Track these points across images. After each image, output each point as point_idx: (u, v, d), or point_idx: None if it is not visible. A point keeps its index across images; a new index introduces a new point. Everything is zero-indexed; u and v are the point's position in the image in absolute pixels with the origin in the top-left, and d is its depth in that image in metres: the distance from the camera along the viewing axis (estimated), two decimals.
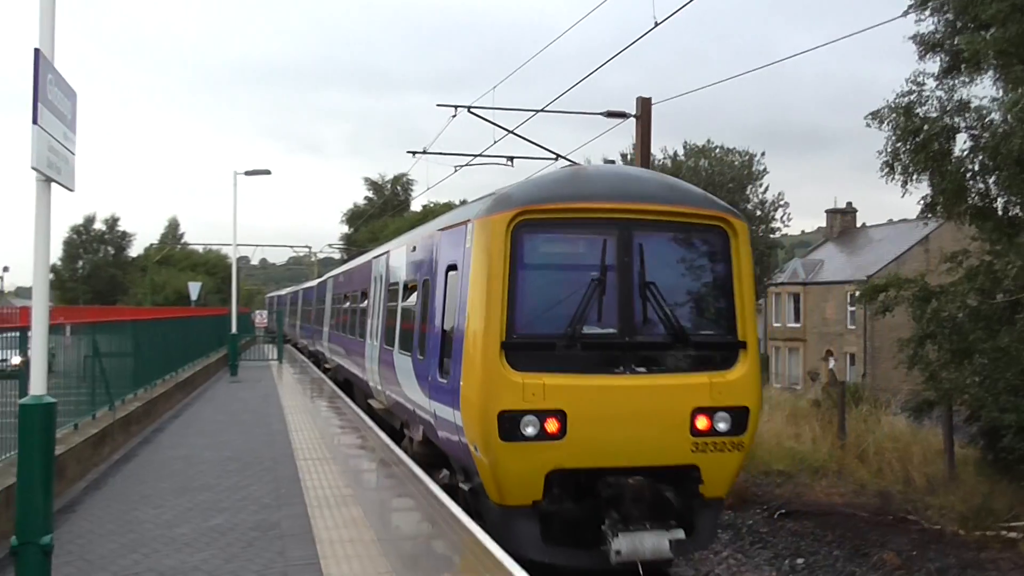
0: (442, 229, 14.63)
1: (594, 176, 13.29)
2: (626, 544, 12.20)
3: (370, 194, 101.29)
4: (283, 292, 78.06)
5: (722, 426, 12.84)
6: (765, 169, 46.31)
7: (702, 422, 12.80)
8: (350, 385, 26.73)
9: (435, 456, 14.97)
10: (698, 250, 13.40)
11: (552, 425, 12.38)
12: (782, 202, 46.38)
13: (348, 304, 27.07)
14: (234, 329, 37.55)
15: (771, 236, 46.79)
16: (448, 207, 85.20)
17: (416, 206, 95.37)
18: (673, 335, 12.92)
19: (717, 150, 46.46)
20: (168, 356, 26.21)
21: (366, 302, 22.17)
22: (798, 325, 63.08)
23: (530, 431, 12.34)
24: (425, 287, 15.19)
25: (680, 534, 12.38)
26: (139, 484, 14.41)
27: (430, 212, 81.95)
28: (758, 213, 45.90)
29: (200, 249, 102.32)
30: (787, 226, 48.41)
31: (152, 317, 25.72)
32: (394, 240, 20.80)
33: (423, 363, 14.63)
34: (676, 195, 13.27)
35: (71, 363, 16.35)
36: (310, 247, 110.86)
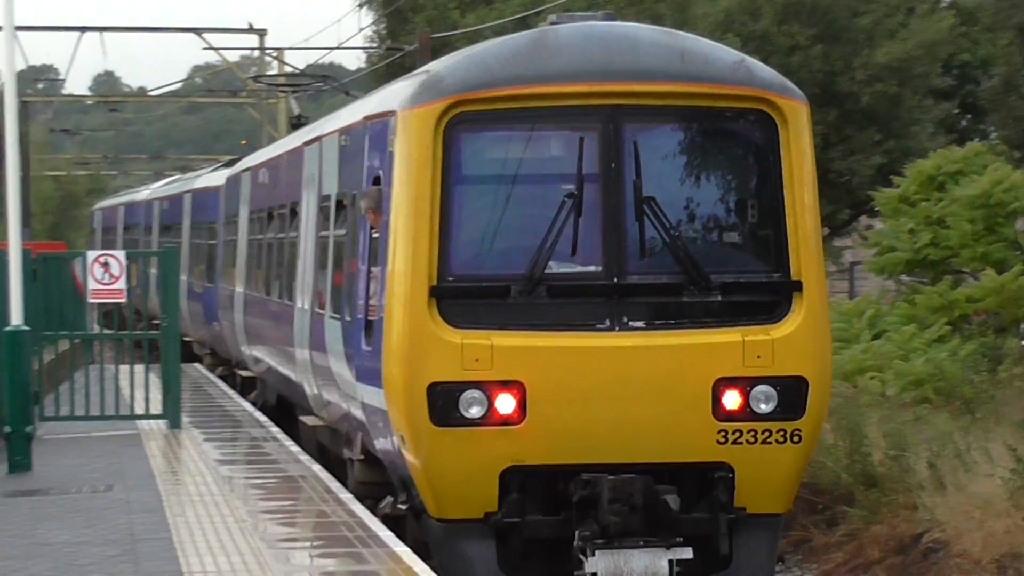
0: (368, 118, 13.02)
1: (565, 42, 11.70)
2: (605, 565, 10.95)
3: None
4: (141, 195, 43.87)
5: (764, 407, 11.34)
6: None
7: (733, 400, 11.32)
8: (294, 423, 17.88)
9: (382, 485, 13.19)
10: (725, 148, 11.87)
11: (506, 404, 11.23)
12: None
13: (272, 233, 19.27)
14: (15, 316, 15.38)
15: None
16: None
17: None
18: (686, 274, 11.43)
19: None
20: None
21: (296, 230, 17.27)
22: None
23: (474, 412, 11.22)
24: (354, 208, 13.52)
25: (687, 553, 11.07)
26: None
27: None
28: None
29: None
30: None
31: None
32: (344, 109, 16.53)
33: (351, 327, 13.12)
34: (691, 66, 11.62)
35: None
36: (262, 34, 44.58)
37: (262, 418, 18.42)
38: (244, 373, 22.52)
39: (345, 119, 14.56)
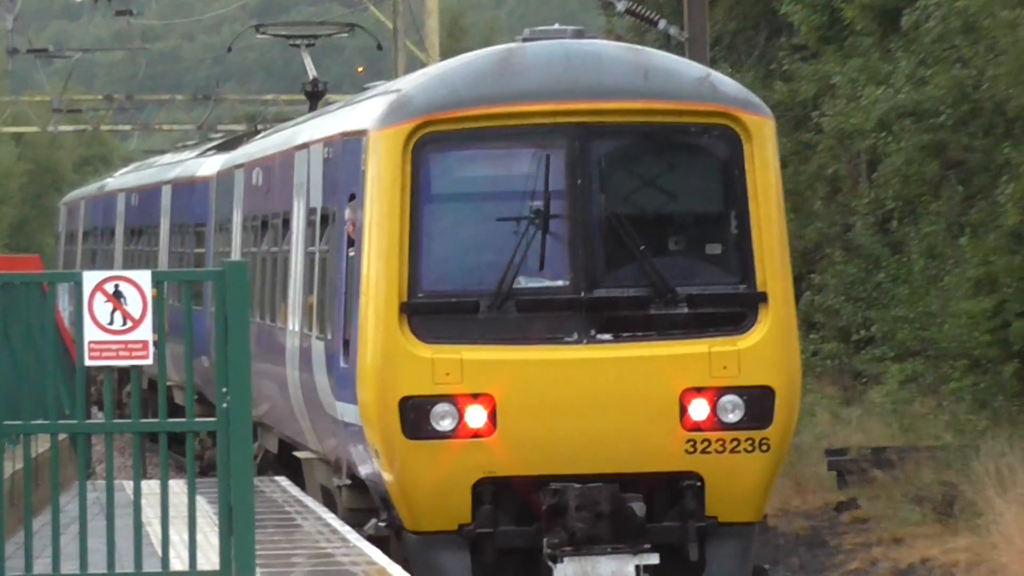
0: (345, 135, 14.49)
1: (531, 61, 13.26)
2: (573, 572, 12.41)
3: None
4: (107, 185, 36.80)
5: (732, 416, 12.76)
6: None
7: (700, 410, 12.74)
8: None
9: (369, 512, 14.28)
10: (690, 164, 13.45)
11: (476, 416, 12.66)
12: None
13: (266, 246, 19.00)
14: None
15: None
16: None
17: None
18: (652, 287, 12.93)
19: None
20: None
21: (288, 244, 17.57)
22: None
23: (445, 425, 12.68)
24: (334, 222, 14.96)
25: (653, 559, 12.50)
26: None
27: None
28: None
29: None
30: None
31: None
32: (334, 111, 17.05)
33: (331, 344, 14.57)
34: (655, 83, 13.19)
35: None
36: None
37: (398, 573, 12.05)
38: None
39: (329, 128, 15.80)
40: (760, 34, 32.09)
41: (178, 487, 12.74)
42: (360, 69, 42.54)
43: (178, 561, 10.36)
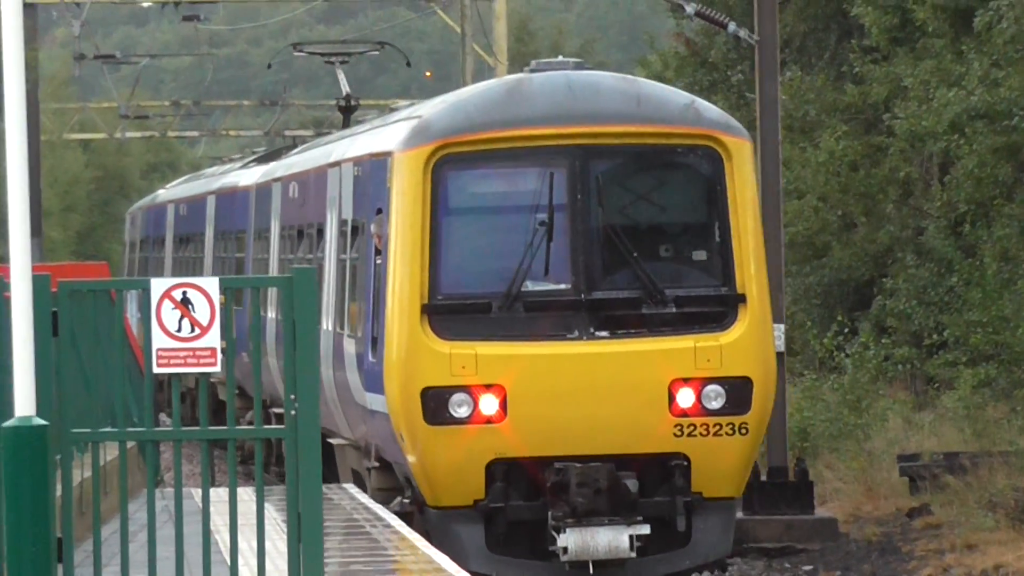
0: (373, 155, 15.66)
1: (536, 91, 14.55)
2: (574, 541, 13.54)
3: None
4: (160, 195, 38.31)
5: (715, 403, 14.04)
6: None
7: (686, 398, 14.03)
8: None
9: (396, 491, 15.42)
10: (677, 180, 14.79)
11: (489, 405, 13.95)
12: None
13: (302, 253, 20.19)
14: (21, 400, 8.59)
15: None
16: None
17: None
18: (644, 289, 14.23)
19: None
20: None
21: (322, 251, 18.52)
22: None
23: (462, 412, 13.94)
24: (363, 233, 16.03)
25: (644, 529, 13.66)
26: None
27: None
28: None
29: None
30: None
31: None
32: (363, 132, 17.95)
33: (360, 342, 15.70)
34: (646, 109, 14.46)
35: None
36: None
37: None
38: (277, 411, 19.93)
39: (358, 149, 16.93)
40: (831, 36, 31.69)
41: (246, 495, 11.92)
42: (428, 73, 42.45)
43: (246, 569, 10.21)
